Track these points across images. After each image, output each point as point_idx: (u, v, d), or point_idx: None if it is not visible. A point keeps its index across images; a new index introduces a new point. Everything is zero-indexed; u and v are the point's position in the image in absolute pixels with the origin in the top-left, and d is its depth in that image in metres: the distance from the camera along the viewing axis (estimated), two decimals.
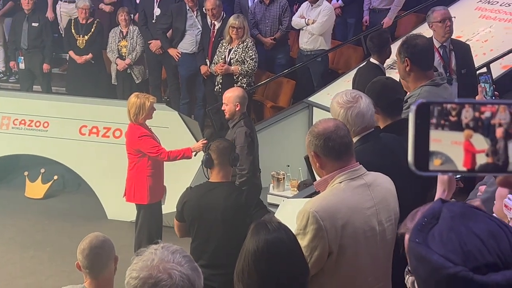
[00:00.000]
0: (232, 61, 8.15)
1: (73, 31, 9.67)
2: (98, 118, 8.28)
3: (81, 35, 9.62)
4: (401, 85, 4.49)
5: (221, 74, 8.23)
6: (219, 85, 8.25)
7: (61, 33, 10.30)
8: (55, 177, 8.78)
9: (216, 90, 8.33)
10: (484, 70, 6.26)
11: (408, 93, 4.50)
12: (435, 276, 1.24)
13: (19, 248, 7.39)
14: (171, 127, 7.66)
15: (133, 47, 9.46)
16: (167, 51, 9.31)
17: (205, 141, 6.38)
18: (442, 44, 5.91)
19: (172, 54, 9.24)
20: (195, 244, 4.79)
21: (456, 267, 1.22)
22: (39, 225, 7.98)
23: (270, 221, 2.86)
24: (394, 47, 5.83)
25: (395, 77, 4.84)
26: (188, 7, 9.00)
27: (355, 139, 3.54)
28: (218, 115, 7.92)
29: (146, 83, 9.70)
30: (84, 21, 9.63)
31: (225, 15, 8.63)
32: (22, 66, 10.03)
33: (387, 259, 3.33)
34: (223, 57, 8.22)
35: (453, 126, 1.15)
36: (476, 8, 8.40)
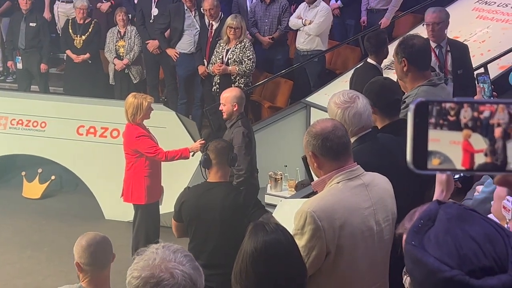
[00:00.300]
0: (229, 61, 8.14)
1: (71, 31, 9.65)
2: (95, 118, 8.27)
3: (79, 35, 9.61)
4: (399, 86, 4.50)
5: (218, 74, 8.22)
6: (217, 85, 8.24)
7: (59, 33, 10.29)
8: (53, 177, 8.77)
9: (213, 90, 8.32)
10: (482, 70, 6.27)
11: (405, 93, 4.51)
12: (431, 279, 1.24)
13: (17, 248, 7.38)
14: (168, 127, 7.66)
15: (131, 47, 9.45)
16: (164, 51, 9.31)
17: (203, 142, 6.38)
18: (438, 44, 5.90)
19: (170, 54, 9.23)
20: (193, 244, 4.79)
21: (452, 270, 1.22)
22: (36, 225, 7.97)
23: (268, 222, 2.86)
24: (391, 47, 5.82)
25: (393, 78, 4.85)
26: (186, 7, 9.00)
27: (352, 140, 3.54)
28: (216, 116, 7.90)
29: (143, 83, 9.69)
30: (81, 21, 9.61)
31: (222, 15, 8.62)
32: (19, 66, 10.02)
33: (384, 259, 3.33)
34: (221, 57, 8.21)
35: (452, 125, 1.15)
36: (473, 8, 8.41)
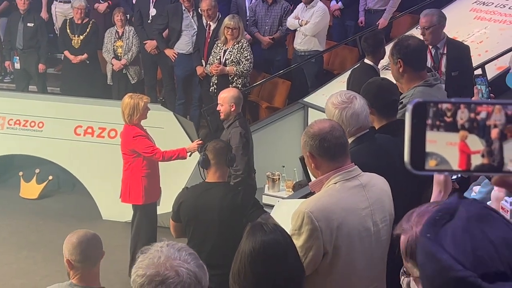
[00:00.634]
0: (227, 61, 8.14)
1: (68, 31, 9.65)
2: (93, 118, 8.26)
3: (76, 35, 9.60)
4: (396, 86, 4.49)
5: (216, 74, 8.22)
6: (214, 86, 8.24)
7: (57, 33, 10.27)
8: (50, 177, 8.76)
9: (211, 91, 8.32)
10: (479, 71, 6.25)
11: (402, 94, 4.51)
12: (443, 276, 1.21)
13: (14, 248, 7.38)
14: (166, 128, 7.65)
15: (128, 48, 9.44)
16: (162, 52, 9.31)
17: (200, 142, 6.38)
18: (435, 45, 5.89)
19: (168, 54, 9.23)
20: (191, 244, 4.77)
21: (465, 271, 1.19)
22: (33, 225, 7.96)
23: (266, 222, 2.86)
24: (389, 48, 5.80)
25: (390, 78, 4.85)
26: (184, 8, 8.99)
27: (350, 140, 3.53)
28: (214, 116, 7.89)
29: (141, 84, 9.68)
30: (79, 21, 9.60)
31: (220, 15, 8.62)
32: (17, 66, 10.01)
33: (381, 259, 3.34)
34: (218, 57, 8.21)
35: (448, 127, 1.14)
36: (471, 9, 8.41)
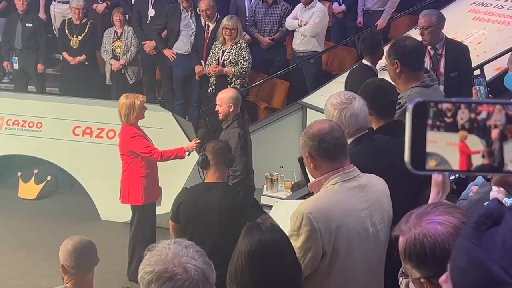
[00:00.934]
0: (225, 62, 8.14)
1: (67, 31, 9.64)
2: (91, 118, 8.26)
3: (75, 36, 9.60)
4: (394, 87, 4.49)
5: (214, 75, 8.22)
6: (213, 86, 8.25)
7: (55, 33, 10.27)
8: (48, 178, 8.76)
9: (209, 91, 8.33)
10: (478, 72, 6.26)
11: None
12: (487, 287, 1.17)
13: (12, 248, 7.37)
14: (164, 128, 7.65)
15: (127, 48, 9.44)
16: (161, 52, 9.31)
17: (198, 141, 6.38)
18: (434, 46, 5.89)
19: (167, 55, 9.23)
20: None
21: None
22: (32, 225, 7.95)
23: (263, 222, 2.86)
24: (387, 48, 5.81)
25: (388, 79, 4.85)
26: (182, 8, 8.99)
27: (349, 141, 3.52)
28: (212, 116, 7.90)
29: (140, 84, 9.69)
30: (77, 22, 9.60)
31: (219, 16, 8.62)
32: (16, 66, 10.00)
33: (380, 260, 3.34)
34: (217, 58, 8.21)
35: (449, 127, 1.14)
36: (469, 10, 8.41)
